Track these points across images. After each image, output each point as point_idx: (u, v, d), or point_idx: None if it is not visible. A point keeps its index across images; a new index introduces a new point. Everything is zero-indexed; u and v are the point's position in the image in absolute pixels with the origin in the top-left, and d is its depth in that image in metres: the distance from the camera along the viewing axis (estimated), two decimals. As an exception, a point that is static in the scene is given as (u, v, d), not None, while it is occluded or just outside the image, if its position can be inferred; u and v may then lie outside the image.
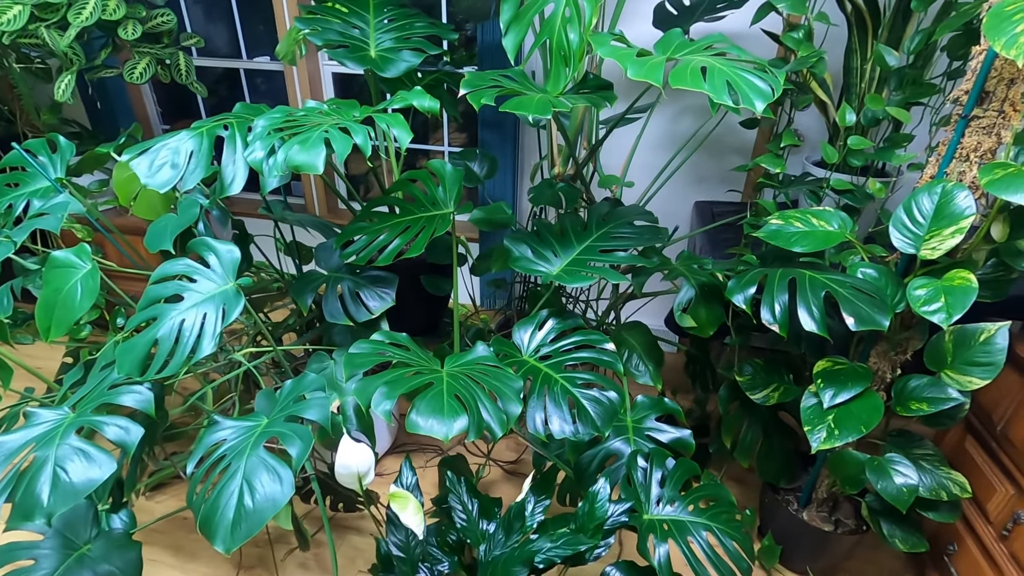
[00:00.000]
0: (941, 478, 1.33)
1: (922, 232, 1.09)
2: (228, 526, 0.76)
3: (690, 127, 2.09)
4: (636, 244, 1.29)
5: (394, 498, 0.88)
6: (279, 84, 2.60)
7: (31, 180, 1.41)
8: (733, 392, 1.55)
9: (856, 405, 1.19)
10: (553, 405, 1.07)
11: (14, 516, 0.80)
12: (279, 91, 2.61)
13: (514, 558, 0.96)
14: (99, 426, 0.88)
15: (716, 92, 0.90)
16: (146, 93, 2.68)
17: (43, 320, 1.06)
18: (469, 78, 1.13)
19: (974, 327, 1.18)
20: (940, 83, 1.36)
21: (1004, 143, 1.06)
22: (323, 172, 0.98)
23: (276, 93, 2.63)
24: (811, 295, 1.13)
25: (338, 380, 1.33)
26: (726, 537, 1.15)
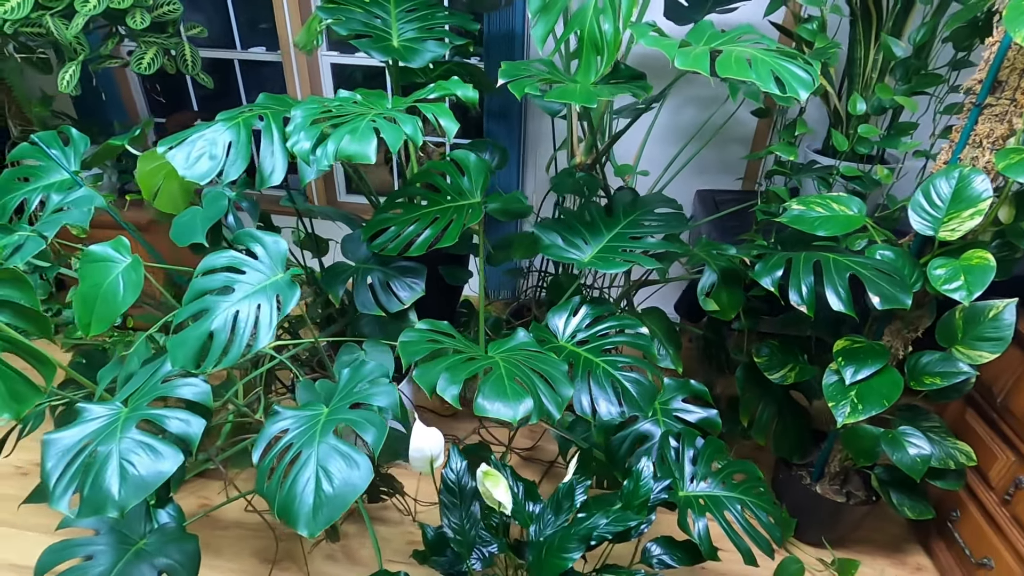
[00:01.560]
0: (948, 448, 1.40)
1: (940, 215, 1.15)
2: (309, 512, 0.77)
3: (692, 118, 2.14)
4: (662, 231, 1.32)
5: (487, 476, 0.91)
6: (272, 75, 2.56)
7: (43, 174, 1.37)
8: (749, 373, 1.61)
9: (876, 381, 1.26)
10: (598, 388, 1.10)
11: (84, 510, 0.79)
12: (274, 82, 2.57)
13: (570, 535, 0.99)
14: (160, 419, 0.88)
15: (763, 81, 0.94)
16: (135, 85, 2.60)
17: (83, 315, 1.04)
18: (507, 68, 1.14)
19: (983, 304, 1.25)
20: (945, 73, 1.42)
21: (1016, 130, 1.13)
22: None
23: (270, 85, 2.59)
24: (836, 277, 1.19)
25: (370, 371, 1.34)
26: (759, 510, 1.20)
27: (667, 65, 1.96)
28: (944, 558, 1.60)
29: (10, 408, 0.96)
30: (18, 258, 1.07)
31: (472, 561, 1.03)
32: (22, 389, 0.97)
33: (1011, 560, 1.37)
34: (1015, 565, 1.36)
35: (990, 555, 1.43)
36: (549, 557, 0.99)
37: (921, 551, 1.69)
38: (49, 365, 0.98)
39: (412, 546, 1.65)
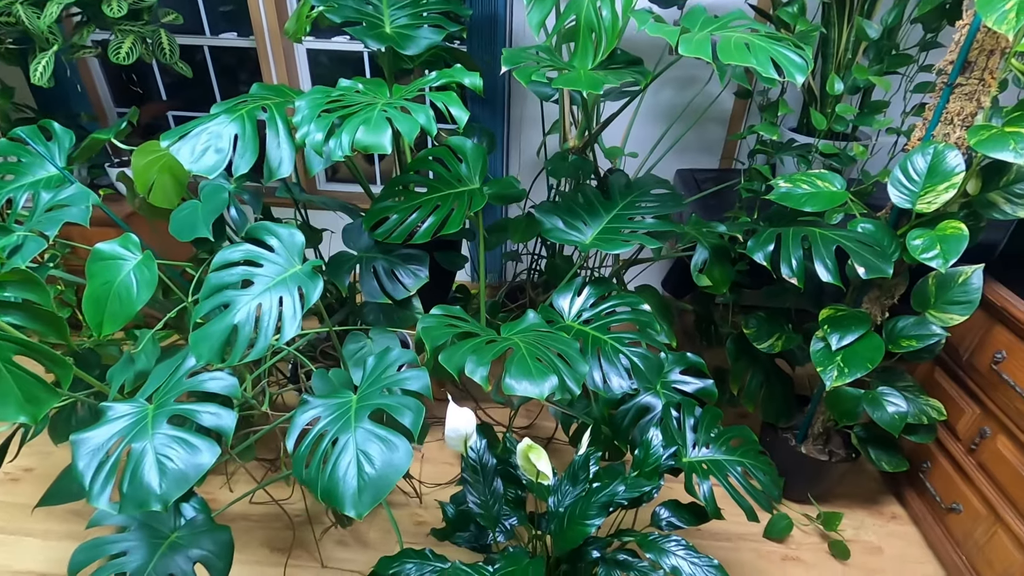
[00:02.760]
0: (922, 405, 1.52)
1: (917, 189, 1.24)
2: (354, 493, 0.80)
3: (671, 99, 2.19)
4: (659, 211, 1.37)
5: (531, 449, 0.95)
6: (244, 61, 2.49)
7: (27, 170, 1.33)
8: (738, 344, 1.69)
9: (860, 345, 1.35)
10: (608, 364, 1.15)
11: (126, 505, 0.80)
12: (246, 69, 2.50)
13: (590, 503, 1.04)
14: (192, 414, 0.89)
15: (762, 66, 0.99)
16: (98, 76, 2.50)
17: (94, 315, 1.03)
18: (508, 55, 1.16)
19: (954, 271, 1.35)
20: (915, 54, 1.50)
21: (984, 107, 1.21)
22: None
23: (242, 71, 2.52)
24: (824, 249, 1.26)
25: (378, 358, 1.36)
26: (757, 471, 1.29)
27: (652, 49, 2.00)
28: (917, 506, 1.74)
29: (26, 411, 0.95)
30: (19, 258, 1.04)
31: (496, 534, 1.08)
32: (37, 392, 0.96)
33: (978, 503, 1.50)
34: (981, 507, 1.49)
35: (959, 500, 1.56)
36: (572, 525, 1.04)
37: (895, 502, 1.82)
38: (65, 366, 0.97)
39: (420, 527, 1.69)
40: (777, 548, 1.66)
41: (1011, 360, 1.42)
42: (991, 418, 1.48)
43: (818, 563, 1.62)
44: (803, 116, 1.87)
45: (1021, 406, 1.38)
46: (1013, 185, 1.26)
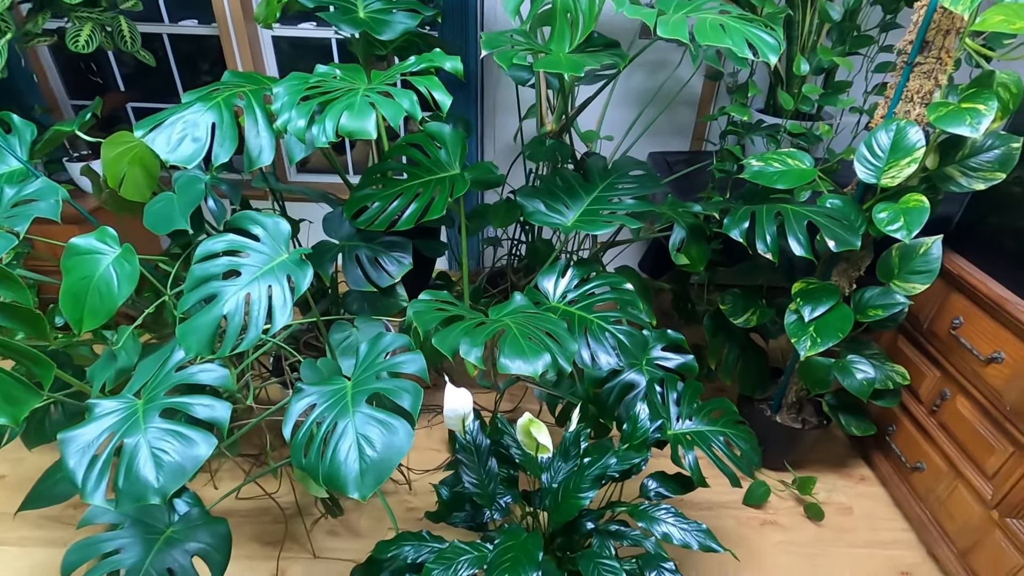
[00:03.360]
0: (887, 371, 1.60)
1: (882, 164, 1.30)
2: (357, 476, 0.80)
3: (642, 83, 2.22)
4: (638, 192, 1.40)
5: (532, 423, 0.97)
6: (205, 49, 2.41)
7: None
8: (715, 320, 1.75)
9: (831, 316, 1.41)
10: (595, 342, 1.18)
11: (123, 501, 0.79)
12: (206, 57, 2.43)
13: (584, 477, 1.07)
14: (184, 407, 0.88)
15: (738, 46, 1.02)
16: (49, 66, 2.39)
17: (73, 311, 1.00)
18: (488, 39, 1.16)
19: (915, 242, 1.42)
20: (875, 35, 1.56)
21: (941, 85, 1.27)
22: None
23: (204, 60, 2.44)
24: (796, 225, 1.31)
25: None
26: (739, 440, 1.34)
27: (623, 32, 2.02)
28: (883, 467, 1.83)
29: (5, 413, 0.93)
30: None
31: (492, 512, 1.10)
32: (17, 392, 0.93)
33: (940, 461, 1.60)
34: (943, 464, 1.58)
35: (922, 459, 1.66)
36: (566, 498, 1.07)
37: (864, 464, 1.92)
38: (46, 366, 0.95)
39: (411, 513, 1.70)
40: (756, 514, 1.74)
41: (968, 325, 1.50)
42: (950, 380, 1.57)
43: (795, 525, 1.70)
44: (770, 97, 1.92)
45: (978, 368, 1.47)
46: (968, 159, 1.32)
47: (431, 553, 1.12)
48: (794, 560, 1.60)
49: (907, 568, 1.60)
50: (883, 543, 1.66)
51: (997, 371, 1.41)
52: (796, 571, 1.57)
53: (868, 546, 1.65)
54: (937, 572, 1.59)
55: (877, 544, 1.66)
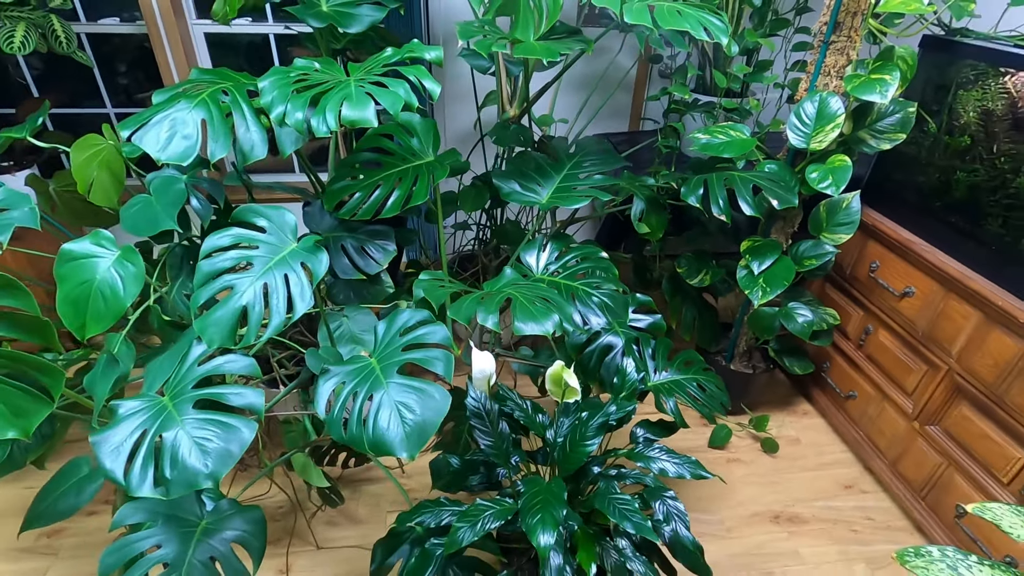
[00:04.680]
0: (821, 314, 1.82)
1: (809, 131, 1.48)
2: (402, 439, 0.86)
3: (583, 69, 2.35)
4: (603, 169, 1.52)
5: (563, 370, 1.05)
6: (127, 48, 2.29)
7: (-67, 178, 1.19)
8: (672, 283, 1.91)
9: (776, 268, 1.60)
10: (583, 306, 1.28)
11: (175, 488, 0.81)
12: (129, 56, 2.30)
13: (587, 427, 1.18)
14: (220, 396, 0.90)
15: (695, 29, 1.14)
16: (-52, 70, 2.18)
17: (73, 318, 0.98)
18: (462, 29, 1.23)
19: (838, 198, 1.63)
20: (791, 18, 1.76)
21: (852, 60, 1.47)
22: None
23: (128, 58, 2.31)
24: (743, 189, 1.48)
25: (356, 333, 1.40)
26: (710, 384, 1.50)
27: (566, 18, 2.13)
28: (822, 400, 2.08)
29: (15, 426, 0.91)
30: (-28, 269, 0.96)
31: (508, 470, 1.19)
32: (25, 404, 0.91)
33: (869, 388, 1.84)
34: (871, 390, 1.83)
35: (854, 388, 1.91)
36: (574, 448, 1.18)
37: (805, 401, 2.17)
38: (56, 375, 0.93)
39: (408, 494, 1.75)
40: (721, 454, 1.93)
41: (883, 268, 1.75)
42: (873, 317, 1.82)
43: (755, 460, 1.91)
44: (700, 78, 2.10)
45: (894, 303, 1.71)
46: (876, 123, 1.54)
47: (452, 515, 1.20)
48: (758, 488, 1.80)
49: (849, 482, 1.84)
50: (827, 464, 1.90)
51: (909, 304, 1.66)
52: (761, 497, 1.77)
53: (816, 468, 1.89)
54: (874, 482, 1.84)
55: (823, 466, 1.90)
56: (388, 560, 1.20)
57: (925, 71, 1.58)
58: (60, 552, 1.55)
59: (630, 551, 1.15)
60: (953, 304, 1.52)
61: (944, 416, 1.58)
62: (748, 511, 1.73)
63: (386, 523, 1.67)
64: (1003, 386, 1.39)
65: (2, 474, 1.32)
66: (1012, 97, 1.36)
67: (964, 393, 1.51)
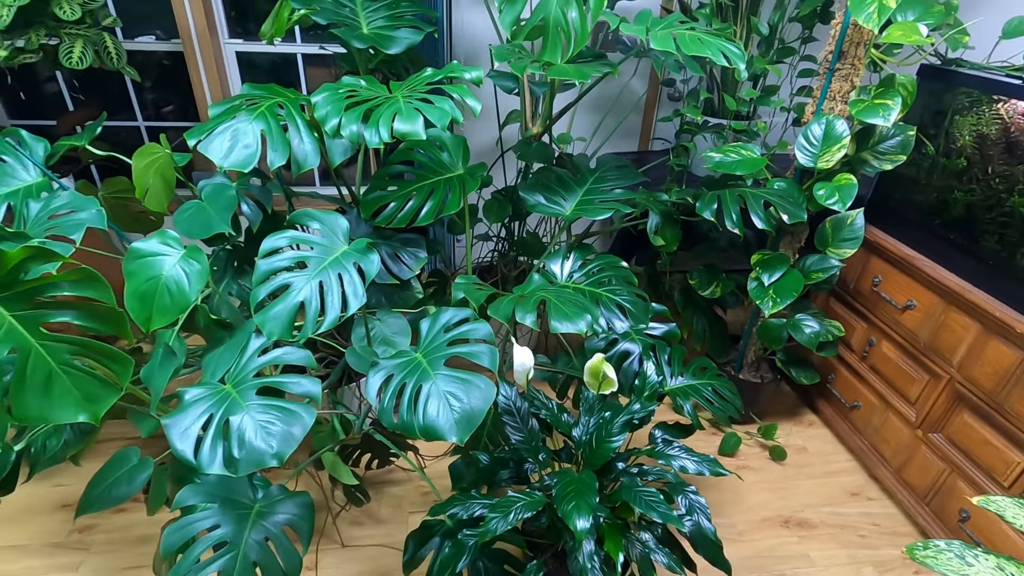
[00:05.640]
0: (827, 326, 1.90)
1: (817, 151, 1.58)
2: (452, 426, 0.93)
3: (597, 90, 2.46)
4: (623, 184, 1.61)
5: (602, 363, 1.12)
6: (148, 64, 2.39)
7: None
8: (684, 295, 1.99)
9: (785, 280, 1.68)
10: (607, 311, 1.36)
11: (243, 466, 0.87)
12: (163, 72, 2.40)
13: (613, 424, 1.25)
14: (281, 385, 0.96)
15: (715, 56, 1.24)
16: (-12, 83, 2.27)
17: (140, 311, 1.05)
18: (498, 51, 1.32)
19: (843, 215, 1.72)
20: (797, 47, 1.88)
21: (856, 85, 1.58)
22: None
23: (163, 75, 2.42)
24: (755, 204, 1.57)
25: (389, 335, 1.47)
26: (724, 389, 1.57)
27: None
28: (827, 411, 2.15)
29: (86, 410, 0.97)
30: (50, 265, 1.03)
31: (538, 464, 1.25)
32: (96, 389, 0.98)
33: (872, 397, 1.92)
34: (875, 400, 1.90)
35: (858, 399, 1.98)
36: (600, 444, 1.24)
37: (810, 411, 2.24)
38: (125, 363, 1.00)
39: (428, 497, 1.80)
40: (730, 461, 1.99)
41: (886, 282, 1.83)
42: (876, 329, 1.90)
43: (763, 467, 1.97)
44: (708, 100, 2.21)
45: (896, 316, 1.79)
46: (878, 145, 1.64)
47: (482, 507, 1.25)
48: (767, 494, 1.86)
49: (856, 489, 1.90)
50: (834, 472, 1.97)
51: (911, 316, 1.74)
52: (771, 502, 1.83)
53: (823, 476, 1.95)
54: (879, 489, 1.91)
55: (830, 474, 1.96)
56: (420, 552, 1.26)
57: (923, 97, 1.69)
58: (92, 547, 1.59)
59: (653, 543, 1.21)
60: (953, 316, 1.60)
61: (946, 424, 1.66)
62: (758, 516, 1.79)
63: (408, 523, 1.72)
64: (1002, 393, 1.47)
65: (46, 467, 1.38)
66: (1005, 123, 1.47)
67: (965, 401, 1.59)
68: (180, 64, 2.38)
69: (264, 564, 0.96)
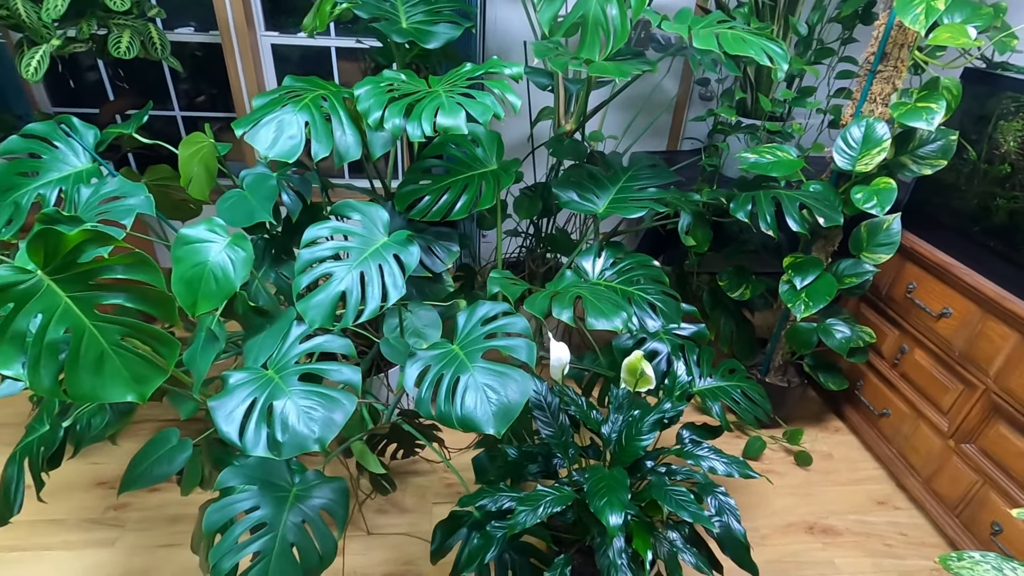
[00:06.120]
0: (858, 332, 1.88)
1: (856, 153, 1.56)
2: (490, 417, 0.94)
3: (628, 89, 2.45)
4: (656, 182, 1.60)
5: (640, 360, 1.12)
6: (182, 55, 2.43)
7: (51, 167, 1.31)
8: (713, 296, 1.98)
9: (818, 283, 1.66)
10: (639, 309, 1.36)
11: (287, 450, 0.89)
12: (200, 63, 2.45)
13: (643, 422, 1.25)
14: (322, 372, 0.98)
15: (758, 56, 1.23)
16: (34, 71, 2.33)
17: (186, 296, 1.07)
18: (537, 48, 1.33)
19: (879, 220, 1.70)
20: (836, 47, 1.85)
21: (898, 88, 1.55)
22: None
23: (199, 65, 2.46)
24: (790, 206, 1.55)
25: (420, 327, 1.48)
26: (753, 392, 1.56)
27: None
28: (854, 417, 2.12)
29: (134, 390, 1.00)
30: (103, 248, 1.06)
31: (566, 459, 1.26)
32: (144, 371, 1.01)
33: (903, 406, 1.89)
34: (905, 408, 1.88)
35: (888, 406, 1.95)
36: (629, 442, 1.25)
37: (836, 418, 2.21)
38: (171, 345, 1.02)
39: (451, 489, 1.82)
40: (755, 464, 1.97)
41: (921, 288, 1.80)
42: (908, 337, 1.87)
43: (788, 472, 1.95)
44: (740, 100, 2.19)
45: (931, 323, 1.76)
46: (917, 149, 1.62)
47: (510, 500, 1.26)
48: (792, 499, 1.85)
49: (882, 498, 1.88)
50: (860, 480, 1.94)
51: (947, 324, 1.71)
52: (795, 508, 1.82)
53: (849, 483, 1.93)
54: (907, 499, 1.88)
55: (856, 481, 1.94)
56: (448, 542, 1.27)
57: (966, 101, 1.65)
58: (127, 524, 1.63)
59: (680, 542, 1.21)
60: (991, 325, 1.57)
61: (980, 435, 1.63)
62: (783, 520, 1.78)
63: (432, 513, 1.74)
64: (1041, 405, 1.44)
65: (89, 444, 1.42)
66: (1053, 128, 1.43)
67: (1001, 412, 1.56)
68: (212, 55, 2.42)
69: (301, 546, 0.98)
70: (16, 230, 1.25)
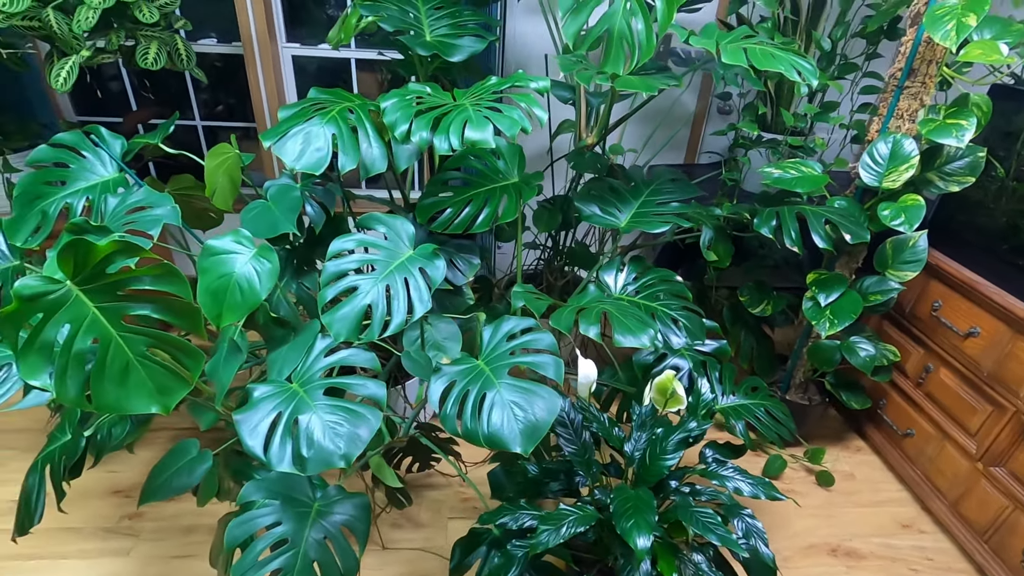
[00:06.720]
0: (881, 350, 1.84)
1: (882, 170, 1.54)
2: (517, 436, 0.92)
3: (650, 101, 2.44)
4: (679, 197, 1.59)
5: (670, 380, 1.11)
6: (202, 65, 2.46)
7: (79, 176, 1.32)
8: (733, 312, 1.96)
9: (843, 300, 1.64)
10: (663, 326, 1.34)
11: (312, 465, 0.88)
12: (221, 73, 2.48)
13: (668, 441, 1.23)
14: (347, 386, 0.97)
15: (788, 71, 1.22)
16: (60, 80, 2.37)
17: (212, 307, 1.07)
18: (563, 62, 1.32)
19: (905, 237, 1.67)
20: (860, 63, 1.84)
21: (925, 104, 1.53)
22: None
23: (221, 76, 2.49)
24: (815, 222, 1.53)
25: (439, 340, 1.47)
26: (776, 411, 1.53)
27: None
28: (876, 438, 2.08)
29: (158, 402, 0.99)
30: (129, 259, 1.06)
31: (589, 477, 1.24)
32: (168, 382, 1.00)
33: (927, 426, 1.85)
34: (930, 429, 1.84)
35: (912, 427, 1.91)
36: (654, 461, 1.22)
37: (858, 437, 2.17)
38: (196, 356, 1.02)
39: (467, 503, 1.80)
40: (775, 484, 1.94)
41: (946, 307, 1.77)
42: (933, 356, 1.83)
43: (809, 492, 1.91)
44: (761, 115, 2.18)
45: (957, 343, 1.73)
46: (944, 166, 1.59)
47: (531, 519, 1.24)
48: (814, 520, 1.81)
49: (907, 521, 1.83)
50: (884, 502, 1.90)
51: (974, 344, 1.68)
52: (817, 529, 1.78)
53: (872, 505, 1.88)
54: (932, 522, 1.83)
55: (879, 503, 1.89)
56: (467, 560, 1.25)
57: (993, 118, 1.63)
58: (141, 534, 1.62)
59: (706, 565, 1.18)
60: (1021, 345, 1.54)
61: (1010, 458, 1.59)
62: (804, 542, 1.74)
63: (447, 528, 1.71)
64: (1076, 429, 1.40)
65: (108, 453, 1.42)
66: (1087, 146, 1.41)
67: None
68: (232, 66, 2.45)
69: (323, 562, 0.97)
70: (43, 238, 1.26)
